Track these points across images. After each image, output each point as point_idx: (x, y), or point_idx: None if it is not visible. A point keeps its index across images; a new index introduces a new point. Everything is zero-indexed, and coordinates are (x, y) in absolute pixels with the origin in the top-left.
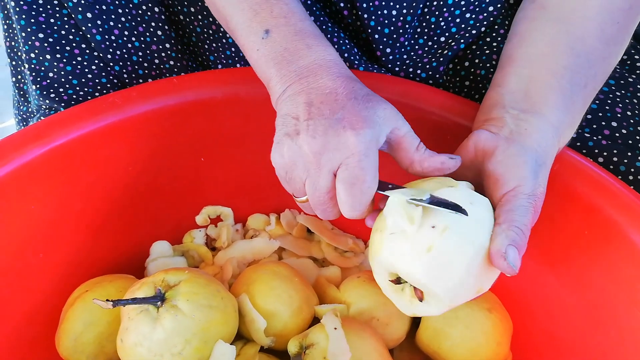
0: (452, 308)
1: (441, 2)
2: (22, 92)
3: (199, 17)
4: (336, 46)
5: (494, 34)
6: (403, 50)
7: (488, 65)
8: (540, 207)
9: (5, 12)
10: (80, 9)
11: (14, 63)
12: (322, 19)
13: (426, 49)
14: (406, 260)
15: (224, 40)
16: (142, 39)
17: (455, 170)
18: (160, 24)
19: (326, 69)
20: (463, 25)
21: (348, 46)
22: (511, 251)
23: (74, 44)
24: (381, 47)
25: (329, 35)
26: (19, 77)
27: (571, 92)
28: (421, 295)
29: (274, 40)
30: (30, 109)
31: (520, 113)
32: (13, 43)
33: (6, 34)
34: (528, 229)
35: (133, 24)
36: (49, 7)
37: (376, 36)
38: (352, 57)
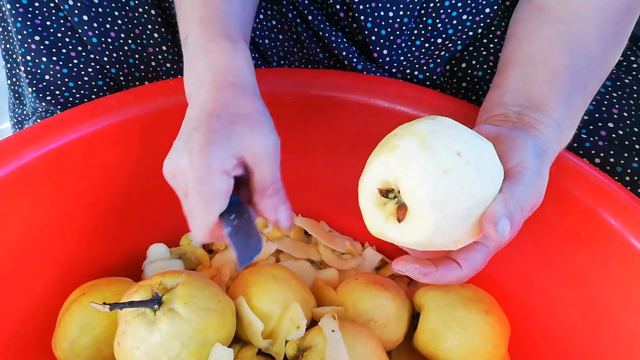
0: (422, 245)
1: (438, 4)
2: (17, 95)
3: None
4: (334, 45)
5: (490, 36)
6: (400, 51)
7: (485, 66)
8: (544, 192)
9: (1, 14)
10: (76, 11)
11: (8, 66)
12: (319, 18)
13: (423, 50)
14: (415, 172)
15: None
16: (138, 41)
17: None
18: (156, 27)
19: (212, 77)
20: (460, 27)
21: (346, 45)
22: (503, 222)
23: (70, 47)
24: (378, 48)
25: (327, 34)
26: (14, 79)
27: (571, 92)
28: (403, 215)
29: (189, 46)
30: (25, 112)
31: (522, 109)
32: (8, 45)
33: (1, 37)
34: (528, 207)
35: (129, 26)
36: (45, 9)
37: (373, 38)
38: (350, 56)
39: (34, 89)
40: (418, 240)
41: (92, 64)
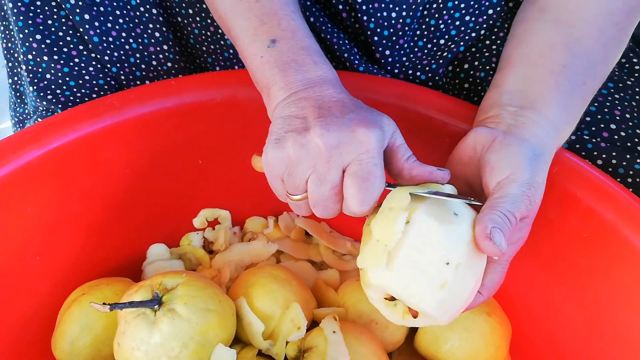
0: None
1: (441, 5)
2: (18, 94)
3: (197, 19)
4: (336, 46)
5: (493, 37)
6: (402, 52)
7: (487, 67)
8: (539, 198)
9: (2, 13)
10: (78, 10)
11: (10, 65)
12: (321, 19)
13: (425, 51)
14: (418, 293)
15: (222, 42)
16: (139, 40)
17: (456, 168)
18: (158, 26)
19: (331, 84)
20: (462, 28)
21: (348, 46)
22: (496, 233)
23: (71, 46)
24: (380, 49)
25: (328, 36)
26: (15, 78)
27: (569, 89)
28: (416, 314)
29: (281, 50)
30: (26, 111)
31: (518, 109)
32: (9, 44)
33: (3, 36)
34: (514, 217)
35: (131, 25)
36: (46, 8)
37: (375, 38)
38: (352, 57)
39: (35, 87)
40: (439, 324)
41: (93, 63)
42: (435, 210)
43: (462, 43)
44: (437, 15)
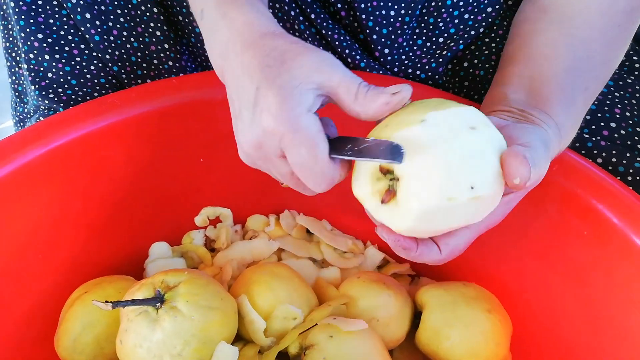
0: (404, 230)
1: (440, 3)
2: (18, 93)
3: None
4: (337, 42)
5: (492, 35)
6: (402, 51)
7: (487, 65)
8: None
9: (2, 12)
10: (79, 9)
11: (9, 64)
12: (322, 16)
13: (425, 49)
14: (425, 185)
15: None
16: (140, 39)
17: None
18: (159, 25)
19: (239, 37)
20: (462, 26)
21: (349, 42)
22: (523, 165)
23: (72, 44)
24: (379, 47)
25: (329, 32)
26: (14, 77)
27: (572, 95)
28: (388, 200)
29: (206, 19)
30: (27, 110)
31: (525, 108)
32: (9, 44)
33: (3, 35)
34: (547, 163)
35: (132, 24)
36: (48, 7)
37: (374, 37)
38: (353, 53)
39: (36, 86)
40: (398, 226)
41: (95, 61)
42: (497, 138)
43: (461, 41)
44: (436, 14)
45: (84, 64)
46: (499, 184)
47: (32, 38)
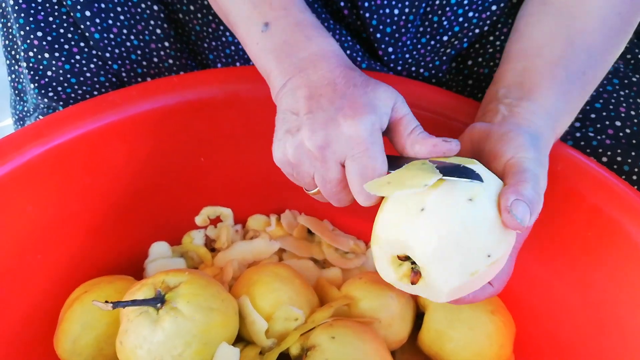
0: (443, 301)
1: (444, 2)
2: (17, 91)
3: (199, 15)
4: (338, 43)
5: (497, 33)
6: (405, 49)
7: (491, 64)
8: (546, 179)
9: (1, 10)
10: (78, 7)
11: (8, 62)
12: (323, 16)
13: (429, 48)
14: (445, 268)
15: (223, 39)
16: (140, 37)
17: None
18: (159, 22)
19: (325, 60)
20: (466, 25)
21: (350, 43)
22: (519, 205)
23: (72, 43)
24: (383, 46)
25: (330, 33)
26: (14, 76)
27: (566, 79)
28: (417, 281)
29: (273, 33)
30: (26, 108)
31: (512, 101)
32: (8, 42)
33: (2, 33)
34: (541, 188)
35: (132, 22)
36: (47, 5)
37: (378, 35)
38: (354, 54)
39: (36, 85)
40: (435, 300)
41: (94, 60)
42: (494, 194)
43: (465, 39)
44: (440, 12)
45: (83, 62)
46: (510, 236)
47: (32, 36)
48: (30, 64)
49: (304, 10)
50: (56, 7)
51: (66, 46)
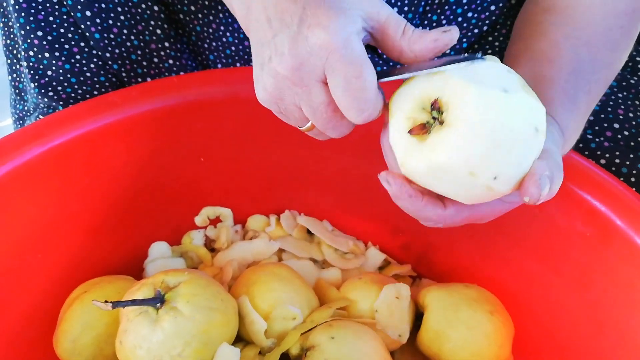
0: (410, 173)
1: (443, 1)
2: (17, 91)
3: (199, 15)
4: None
5: (495, 34)
6: None
7: None
8: None
9: (2, 9)
10: (79, 7)
11: (9, 61)
12: None
13: None
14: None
15: (223, 40)
16: (141, 37)
17: None
18: (159, 23)
19: None
20: (465, 24)
21: None
22: (544, 180)
23: (72, 42)
24: None
25: None
26: (14, 75)
27: (575, 97)
28: (417, 132)
29: None
30: (26, 107)
31: None
32: (9, 41)
33: (3, 32)
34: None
35: (132, 22)
36: (48, 5)
37: None
38: None
39: (36, 84)
40: (408, 164)
41: (95, 59)
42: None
43: (464, 40)
44: (439, 11)
45: (83, 62)
46: (515, 187)
47: (32, 36)
48: (31, 64)
49: None
50: (57, 6)
51: (66, 46)
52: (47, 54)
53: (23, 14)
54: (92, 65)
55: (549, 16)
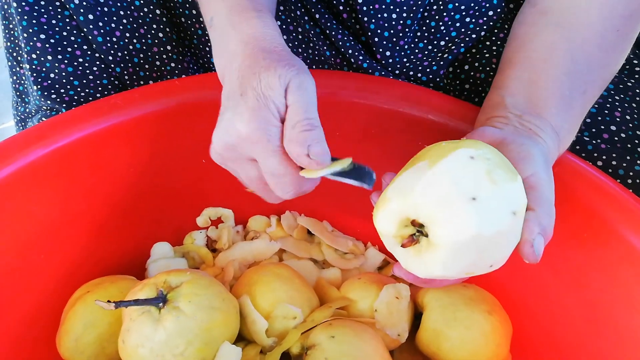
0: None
1: (441, 7)
2: (19, 93)
3: (200, 19)
4: (340, 42)
5: (493, 38)
6: (403, 53)
7: (488, 69)
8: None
9: (4, 12)
10: (82, 10)
11: (10, 64)
12: (326, 16)
13: (426, 52)
14: (453, 216)
15: None
16: (143, 40)
17: None
18: (161, 26)
19: (243, 48)
20: (463, 30)
21: (352, 43)
22: (540, 241)
23: (75, 45)
24: (381, 50)
25: (333, 32)
26: (15, 77)
27: (570, 99)
28: (410, 244)
29: (215, 26)
30: (28, 110)
31: (523, 114)
32: (10, 44)
33: (5, 35)
34: (553, 213)
35: (134, 25)
36: (50, 8)
37: (376, 39)
38: (356, 54)
39: (38, 87)
40: (411, 270)
41: (97, 62)
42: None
43: (462, 44)
44: (437, 17)
45: (86, 65)
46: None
47: (35, 38)
48: (33, 66)
49: None
50: (59, 10)
51: (69, 49)
52: (49, 57)
53: (26, 17)
54: (94, 68)
55: (545, 18)
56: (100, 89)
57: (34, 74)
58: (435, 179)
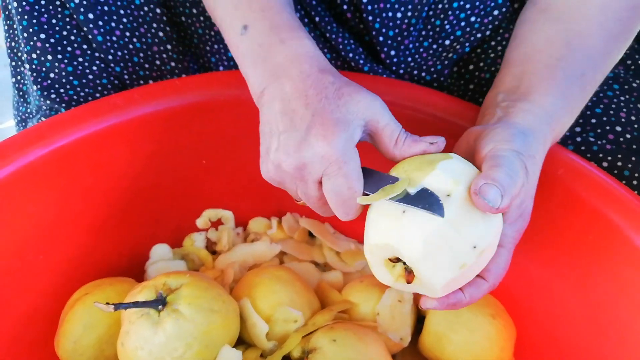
0: (439, 296)
1: (446, 6)
2: (21, 93)
3: (201, 18)
4: (341, 46)
5: (498, 38)
6: (407, 53)
7: (493, 69)
8: (535, 174)
9: (7, 12)
10: (82, 9)
11: (13, 63)
12: (326, 19)
13: (431, 52)
14: (434, 266)
15: (225, 42)
16: (143, 40)
17: None
18: (161, 26)
19: (297, 65)
20: (468, 29)
21: (353, 46)
22: (489, 189)
23: (75, 45)
24: (385, 49)
25: (333, 36)
26: (18, 77)
27: (565, 79)
28: (412, 279)
29: (251, 36)
30: (29, 110)
31: (509, 103)
32: (13, 44)
33: (7, 35)
34: (516, 174)
35: (134, 25)
36: (51, 7)
37: (380, 38)
38: (357, 57)
39: (39, 86)
40: (432, 295)
41: (97, 62)
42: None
43: (467, 44)
44: (442, 16)
45: (86, 64)
46: (493, 224)
47: (35, 38)
48: (33, 66)
49: (282, 11)
50: (59, 9)
51: (69, 48)
52: (49, 56)
53: (26, 17)
54: (94, 68)
55: (545, 14)
56: (100, 88)
57: (34, 74)
58: (409, 218)
